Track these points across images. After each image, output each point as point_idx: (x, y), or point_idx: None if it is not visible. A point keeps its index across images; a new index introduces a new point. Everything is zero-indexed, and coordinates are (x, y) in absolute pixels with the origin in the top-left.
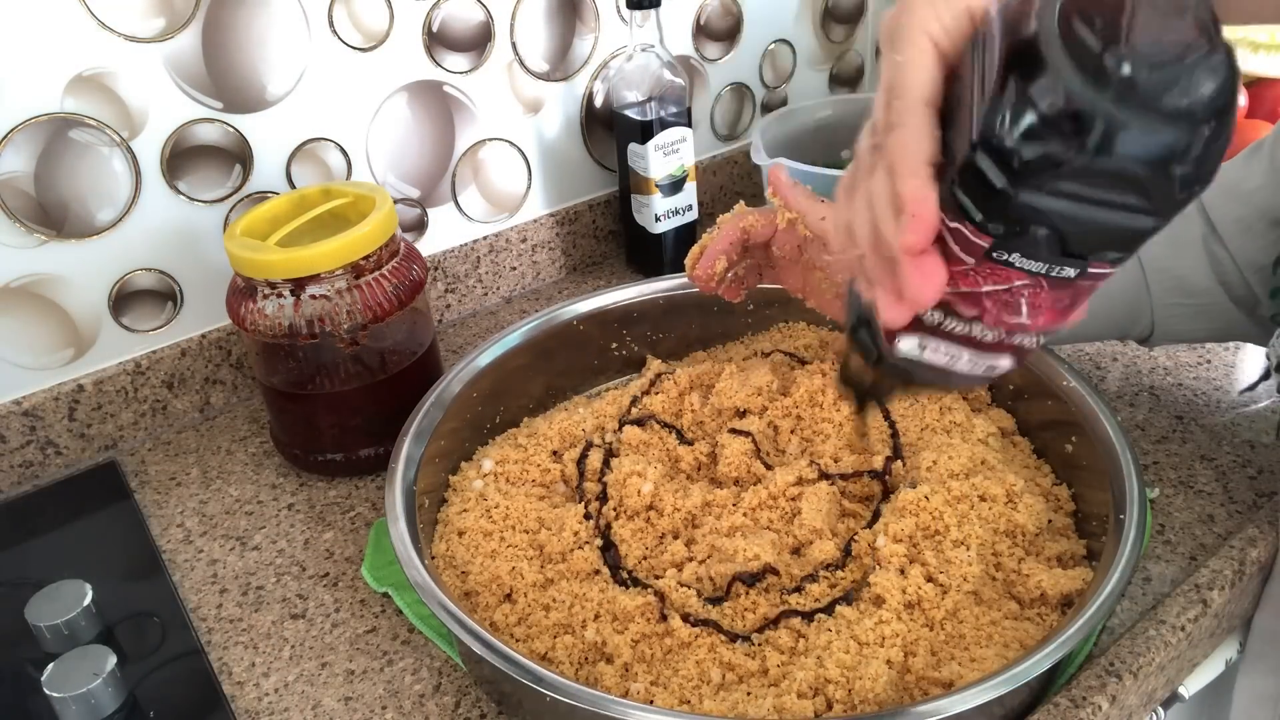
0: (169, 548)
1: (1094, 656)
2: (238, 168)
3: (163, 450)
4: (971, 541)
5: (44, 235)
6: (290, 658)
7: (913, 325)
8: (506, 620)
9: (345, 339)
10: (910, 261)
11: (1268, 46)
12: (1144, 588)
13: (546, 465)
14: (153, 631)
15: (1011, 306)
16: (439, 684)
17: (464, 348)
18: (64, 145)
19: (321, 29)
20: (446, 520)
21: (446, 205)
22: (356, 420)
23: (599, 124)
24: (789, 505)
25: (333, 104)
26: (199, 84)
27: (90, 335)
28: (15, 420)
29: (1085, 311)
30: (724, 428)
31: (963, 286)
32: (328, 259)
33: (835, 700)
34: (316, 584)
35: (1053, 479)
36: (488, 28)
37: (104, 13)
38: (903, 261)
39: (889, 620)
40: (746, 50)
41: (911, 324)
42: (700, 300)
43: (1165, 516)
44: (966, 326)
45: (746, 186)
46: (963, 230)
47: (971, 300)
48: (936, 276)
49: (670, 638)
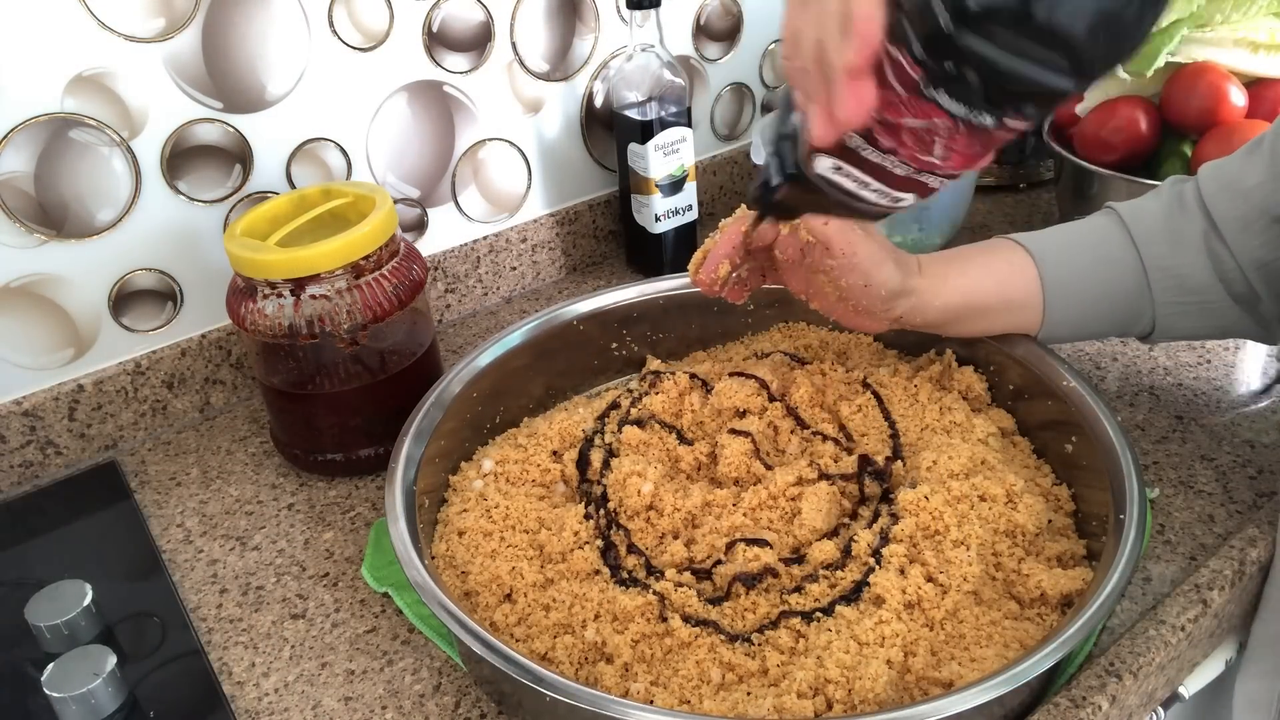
0: (169, 548)
1: (1094, 656)
2: (238, 168)
3: (163, 450)
4: (971, 541)
5: (44, 235)
6: (290, 658)
7: (834, 148)
8: (506, 620)
9: (345, 339)
10: (847, 80)
11: (1268, 46)
12: (1144, 588)
13: (546, 465)
14: (153, 631)
15: (927, 144)
16: (439, 684)
17: (464, 348)
18: (64, 145)
19: (321, 29)
20: (446, 520)
21: (446, 205)
22: (356, 420)
23: (599, 124)
24: (789, 505)
25: (333, 104)
26: (199, 84)
27: (90, 335)
28: (15, 420)
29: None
30: (724, 428)
31: (888, 116)
32: (328, 259)
33: (835, 700)
34: (316, 584)
35: (1053, 479)
36: (488, 28)
37: (104, 13)
38: (840, 79)
39: (889, 620)
40: (746, 50)
41: (833, 146)
42: (700, 300)
43: (1165, 516)
44: (882, 157)
45: (746, 186)
46: (900, 60)
47: (893, 131)
48: (867, 99)
49: (670, 638)
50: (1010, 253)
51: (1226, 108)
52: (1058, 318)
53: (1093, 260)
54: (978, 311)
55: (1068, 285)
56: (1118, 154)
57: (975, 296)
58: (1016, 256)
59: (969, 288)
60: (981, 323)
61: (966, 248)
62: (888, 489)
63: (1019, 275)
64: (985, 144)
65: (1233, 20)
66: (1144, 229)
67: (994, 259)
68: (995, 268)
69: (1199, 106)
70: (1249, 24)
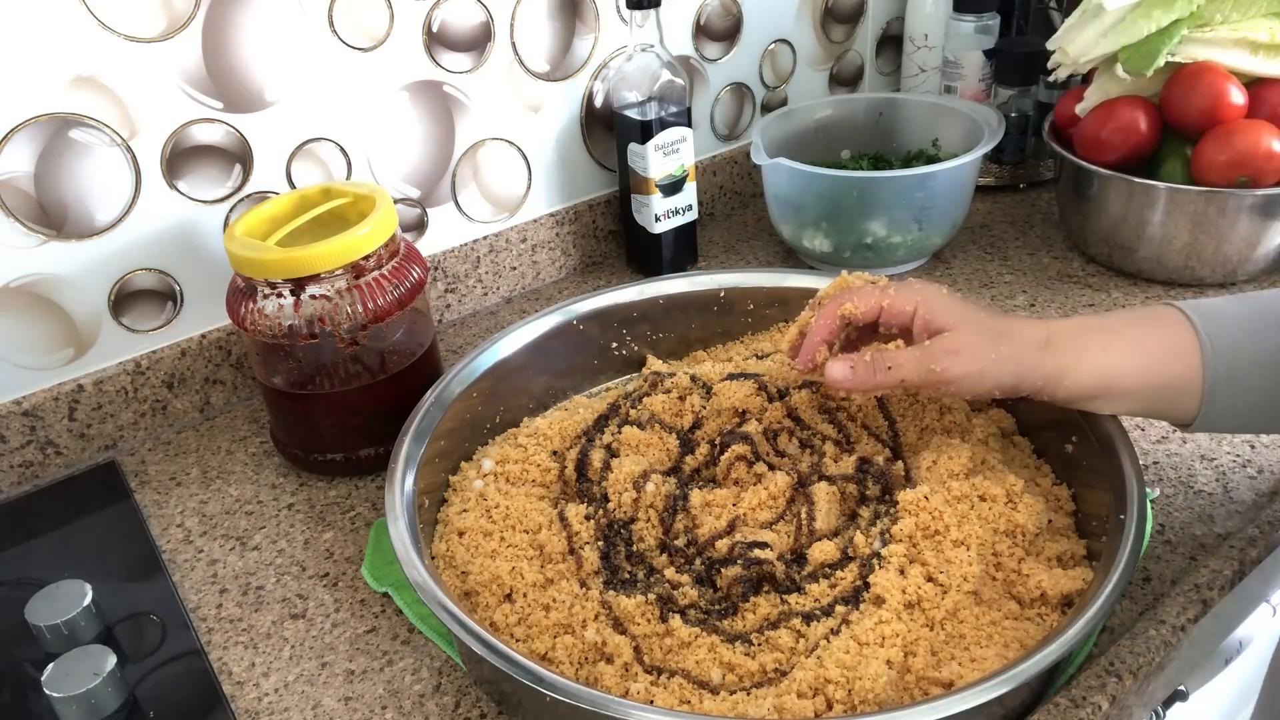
0: (169, 548)
1: (1094, 656)
2: (238, 168)
3: (163, 450)
4: (971, 541)
5: (44, 235)
6: (290, 658)
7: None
8: (506, 620)
9: (345, 339)
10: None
11: (1268, 46)
12: (1144, 588)
13: (546, 465)
14: (153, 631)
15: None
16: (439, 684)
17: (464, 348)
18: (64, 145)
19: (321, 29)
20: (446, 520)
21: (446, 205)
22: (356, 420)
23: (599, 124)
24: (789, 506)
25: (333, 104)
26: (199, 84)
27: (90, 335)
28: (15, 420)
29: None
30: (724, 428)
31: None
32: (328, 259)
33: (835, 700)
34: (316, 584)
35: (1053, 479)
36: (488, 28)
37: (104, 13)
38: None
39: (889, 620)
40: (746, 50)
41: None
42: (700, 300)
43: (1165, 516)
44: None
45: (746, 186)
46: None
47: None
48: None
49: (670, 638)
50: (1170, 327)
51: (1226, 108)
52: (1221, 410)
53: (1277, 346)
54: (1118, 395)
55: (1240, 376)
56: (1118, 154)
57: (1117, 378)
58: (1178, 333)
59: (1109, 367)
60: (1122, 405)
61: (1115, 316)
62: (888, 489)
63: (1178, 357)
64: None
65: (1233, 20)
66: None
67: (1147, 333)
68: (1148, 346)
69: (1199, 106)
70: (1249, 24)
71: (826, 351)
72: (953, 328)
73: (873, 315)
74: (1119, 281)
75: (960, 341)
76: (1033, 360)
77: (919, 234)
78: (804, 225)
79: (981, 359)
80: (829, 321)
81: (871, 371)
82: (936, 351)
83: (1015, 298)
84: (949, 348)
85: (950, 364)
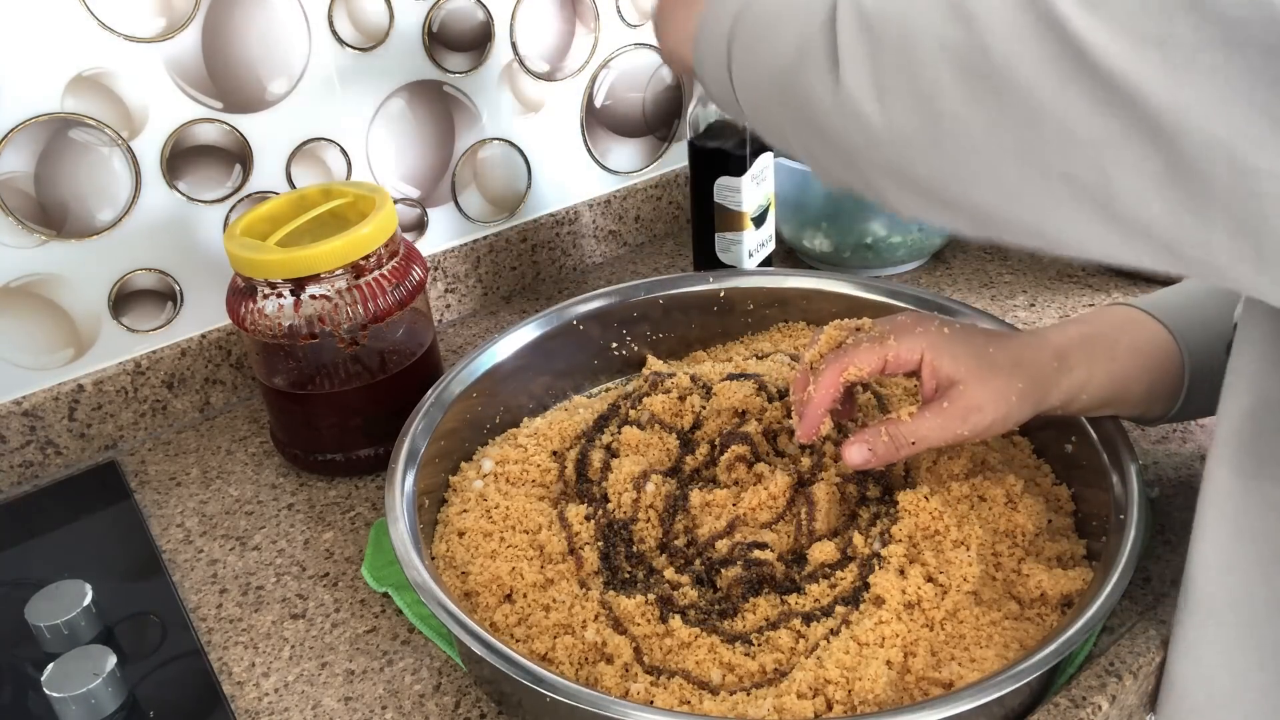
0: (169, 548)
1: (1094, 656)
2: (238, 168)
3: (163, 450)
4: (971, 542)
5: (44, 235)
6: (290, 658)
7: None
8: (506, 620)
9: (345, 339)
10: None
11: None
12: (1144, 588)
13: (546, 465)
14: (153, 631)
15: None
16: (439, 684)
17: (464, 348)
18: (64, 145)
19: (321, 29)
20: (446, 520)
21: (446, 205)
22: (356, 420)
23: (599, 124)
24: (789, 506)
25: (333, 104)
26: (199, 84)
27: (90, 335)
28: (15, 420)
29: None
30: (724, 428)
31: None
32: (328, 259)
33: (835, 700)
34: (316, 584)
35: (1053, 479)
36: (488, 28)
37: (104, 13)
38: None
39: (889, 620)
40: None
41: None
42: (700, 300)
43: (1165, 516)
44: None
45: None
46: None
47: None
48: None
49: (670, 638)
50: (1146, 327)
51: None
52: (1196, 400)
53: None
54: (1126, 401)
55: (1203, 363)
56: None
57: (1129, 385)
58: (1157, 333)
59: (1120, 375)
60: (1124, 410)
61: (1097, 321)
62: (888, 489)
63: (1166, 357)
64: None
65: None
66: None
67: (1136, 336)
68: (1143, 349)
69: None
70: None
71: (830, 421)
72: (964, 378)
73: (876, 373)
74: (1119, 281)
75: (979, 396)
76: (1049, 384)
77: (919, 234)
78: (804, 225)
79: (1004, 404)
80: (831, 391)
81: (894, 449)
82: (958, 412)
83: (1015, 298)
84: (970, 405)
85: (976, 420)
